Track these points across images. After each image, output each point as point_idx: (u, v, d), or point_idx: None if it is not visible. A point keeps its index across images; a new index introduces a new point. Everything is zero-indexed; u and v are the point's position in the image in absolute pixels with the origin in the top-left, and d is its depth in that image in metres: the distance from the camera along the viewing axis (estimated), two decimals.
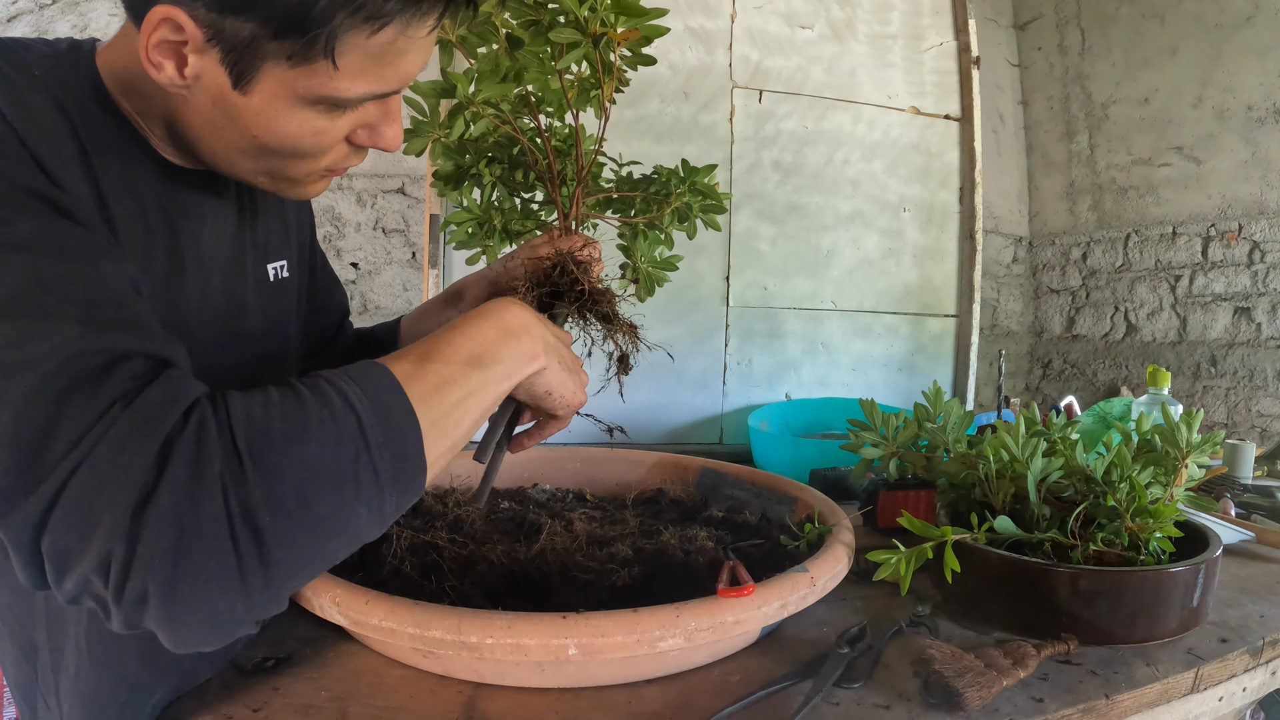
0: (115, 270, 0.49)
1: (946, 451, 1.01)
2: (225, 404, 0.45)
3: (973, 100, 2.14)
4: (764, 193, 2.01)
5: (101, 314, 0.46)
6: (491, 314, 0.61)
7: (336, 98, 0.54)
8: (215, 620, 0.43)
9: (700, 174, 0.87)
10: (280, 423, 0.45)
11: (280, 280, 0.77)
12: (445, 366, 0.55)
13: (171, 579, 0.41)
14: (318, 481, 0.45)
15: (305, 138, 0.56)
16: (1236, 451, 1.37)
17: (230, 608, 0.43)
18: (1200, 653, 0.74)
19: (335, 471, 0.46)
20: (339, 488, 0.46)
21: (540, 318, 0.65)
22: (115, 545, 0.40)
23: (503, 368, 0.59)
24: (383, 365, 0.53)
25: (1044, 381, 3.24)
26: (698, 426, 2.00)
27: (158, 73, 0.52)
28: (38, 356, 0.42)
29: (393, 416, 0.49)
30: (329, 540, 0.46)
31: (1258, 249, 2.50)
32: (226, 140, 0.57)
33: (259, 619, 0.46)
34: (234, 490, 0.42)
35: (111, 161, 0.56)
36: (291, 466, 0.44)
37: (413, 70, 0.56)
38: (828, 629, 0.77)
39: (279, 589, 0.45)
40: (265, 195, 0.76)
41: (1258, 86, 2.47)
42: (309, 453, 0.45)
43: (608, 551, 0.76)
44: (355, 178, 2.61)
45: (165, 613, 0.41)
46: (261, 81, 0.52)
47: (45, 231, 0.47)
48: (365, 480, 0.47)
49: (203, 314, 0.65)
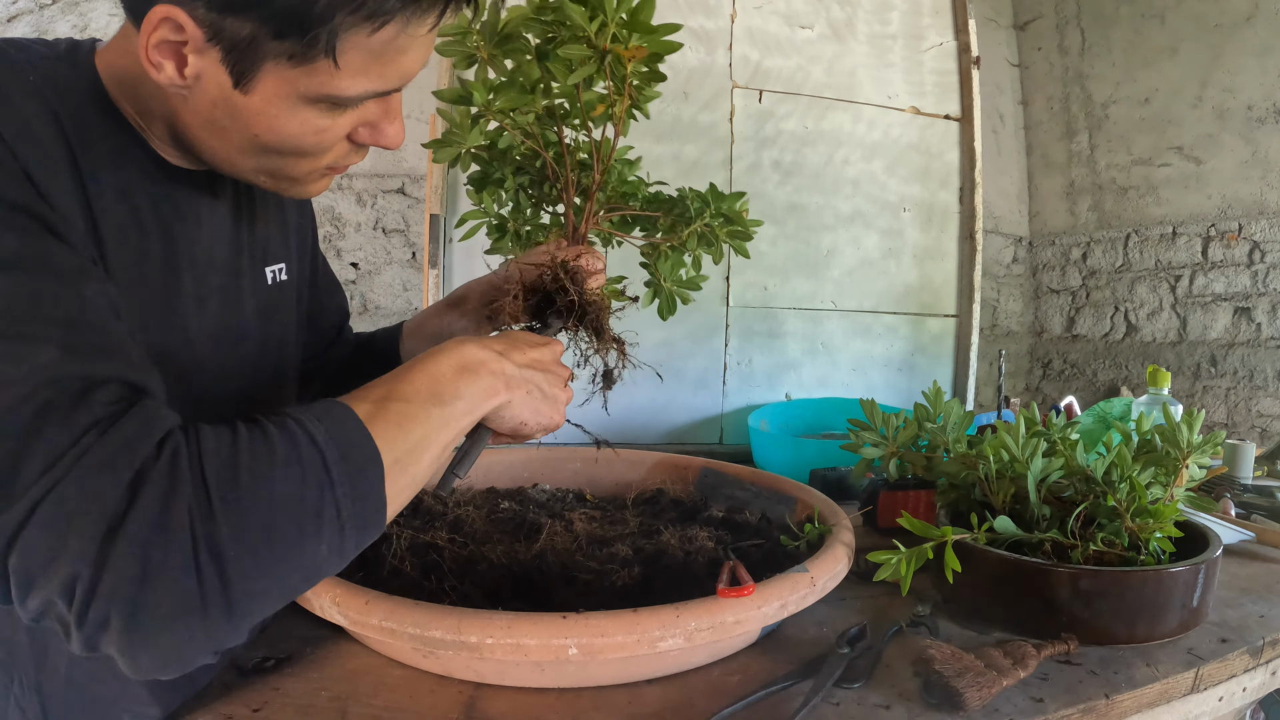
0: (97, 292, 0.49)
1: (946, 451, 1.01)
2: (197, 438, 0.46)
3: (973, 100, 2.14)
4: (764, 193, 2.01)
5: (81, 338, 0.46)
6: (447, 352, 0.61)
7: (338, 96, 0.54)
8: (175, 650, 0.43)
9: (728, 200, 0.85)
10: (248, 460, 0.45)
11: (278, 283, 0.77)
12: (406, 405, 0.55)
13: (135, 608, 0.41)
14: (282, 519, 0.46)
15: (307, 136, 0.56)
16: (1236, 451, 1.37)
17: (190, 638, 0.43)
18: (1200, 653, 0.74)
19: (299, 510, 0.46)
20: (302, 526, 0.47)
21: (501, 351, 0.64)
22: (81, 570, 0.40)
23: (463, 404, 0.59)
24: (346, 405, 0.53)
25: (1044, 381, 3.24)
26: (698, 426, 2.00)
27: (158, 73, 0.52)
28: (15, 378, 0.43)
29: (355, 458, 0.50)
30: (290, 575, 0.47)
31: (1258, 249, 2.50)
32: (227, 140, 0.57)
33: (218, 649, 0.46)
34: (200, 525, 0.43)
35: (105, 167, 0.56)
36: (257, 505, 0.45)
37: (413, 68, 0.56)
38: (828, 629, 0.77)
39: (239, 622, 0.45)
40: (264, 197, 0.76)
41: (1258, 86, 2.47)
42: (275, 491, 0.46)
43: (608, 551, 0.76)
44: (355, 178, 2.61)
45: (126, 640, 0.42)
46: (262, 81, 0.52)
47: (30, 250, 0.47)
48: (328, 518, 0.48)
49: (198, 315, 0.65)
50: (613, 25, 0.70)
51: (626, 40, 0.71)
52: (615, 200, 0.86)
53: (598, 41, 0.70)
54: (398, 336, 0.93)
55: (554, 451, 1.13)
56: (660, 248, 0.86)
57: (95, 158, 0.55)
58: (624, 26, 0.70)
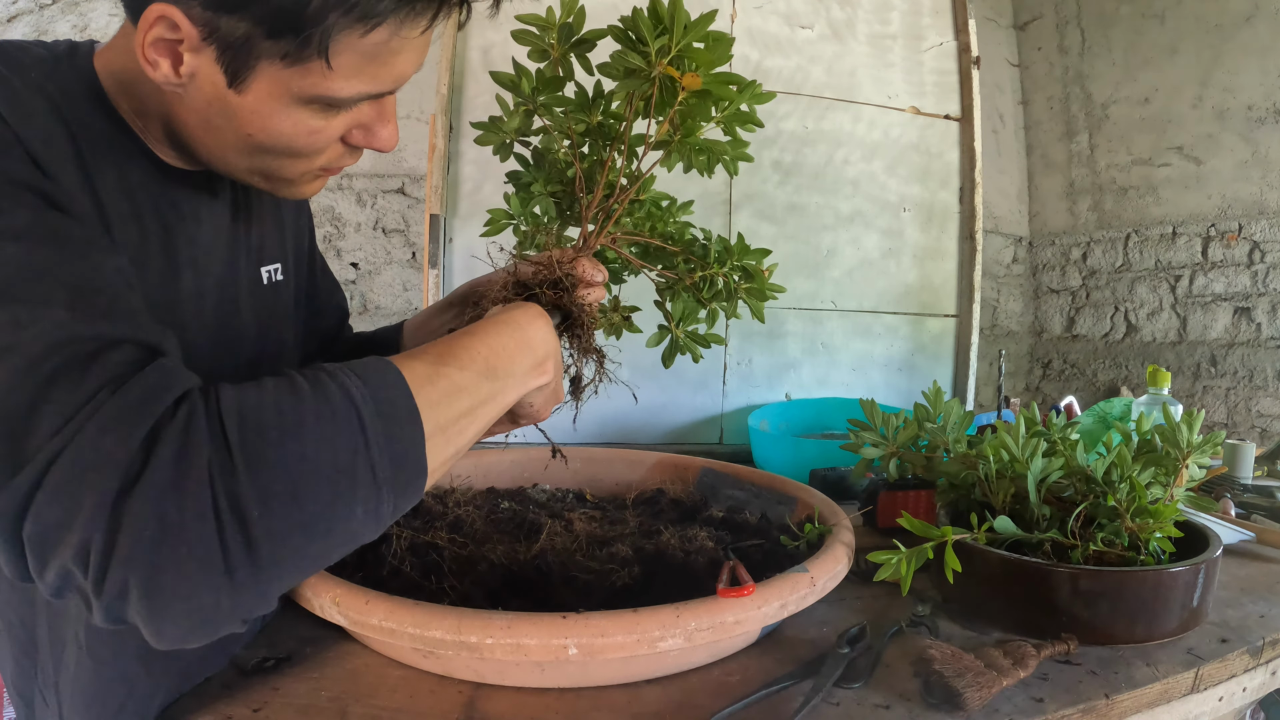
0: (108, 261, 0.49)
1: (946, 451, 1.01)
2: (216, 395, 0.44)
3: (973, 100, 2.14)
4: (764, 193, 2.01)
5: (92, 301, 0.45)
6: (514, 324, 0.61)
7: (331, 97, 0.54)
8: (199, 616, 0.41)
9: (754, 255, 0.82)
10: (275, 414, 0.43)
11: (274, 283, 0.77)
12: (460, 372, 0.54)
13: (153, 571, 0.39)
14: (312, 477, 0.43)
15: (300, 137, 0.57)
16: (1236, 451, 1.37)
17: (215, 604, 0.41)
18: (1200, 653, 0.74)
19: (331, 468, 0.44)
20: (334, 485, 0.44)
21: (553, 330, 0.64)
22: (94, 534, 0.39)
23: (515, 380, 0.59)
24: (391, 363, 0.51)
25: (1044, 381, 3.24)
26: (698, 426, 2.00)
27: (153, 70, 0.52)
28: (25, 340, 0.41)
29: (396, 416, 0.48)
30: (321, 540, 0.45)
31: (1258, 249, 2.50)
32: (222, 138, 0.57)
33: (246, 617, 0.44)
34: (222, 482, 0.41)
35: (107, 163, 0.56)
36: (283, 460, 0.42)
37: (407, 70, 0.56)
38: (828, 629, 0.77)
39: (267, 587, 0.43)
40: (261, 198, 0.76)
41: (1258, 86, 2.47)
42: (304, 448, 0.43)
43: (608, 551, 0.76)
44: (355, 178, 2.61)
45: (146, 606, 0.40)
46: (256, 80, 0.52)
47: (39, 221, 0.46)
48: (362, 479, 0.45)
49: (197, 315, 0.65)
50: (675, 47, 0.69)
51: (684, 66, 0.70)
52: (641, 229, 0.85)
53: (655, 59, 0.69)
54: (398, 337, 0.93)
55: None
56: (675, 286, 0.83)
57: (99, 155, 0.55)
58: (685, 55, 0.70)
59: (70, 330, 0.42)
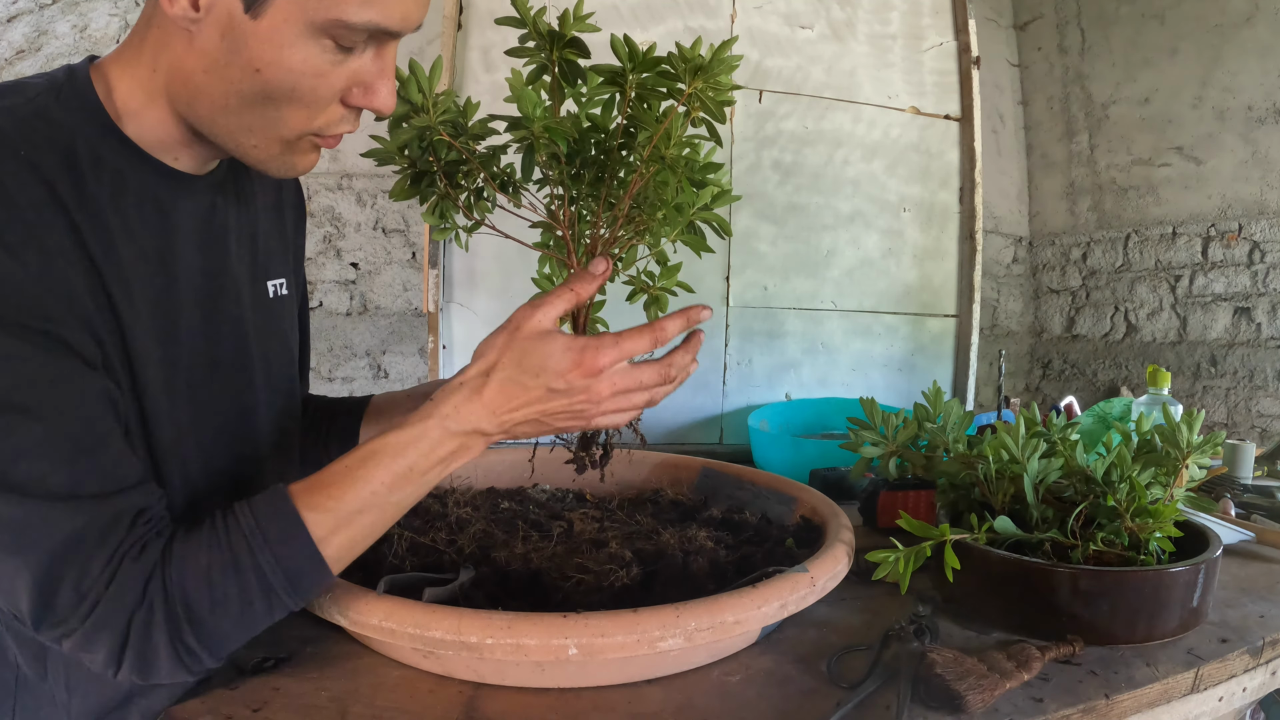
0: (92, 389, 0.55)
1: (946, 451, 1.01)
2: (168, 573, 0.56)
3: (973, 100, 2.14)
4: (764, 193, 2.01)
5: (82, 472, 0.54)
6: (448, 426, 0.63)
7: (345, 22, 0.55)
8: (172, 684, 0.62)
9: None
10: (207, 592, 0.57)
11: (279, 297, 0.78)
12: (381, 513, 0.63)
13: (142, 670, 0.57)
14: (237, 623, 0.58)
15: (306, 77, 0.57)
16: (1236, 451, 1.37)
17: (184, 679, 0.61)
18: (1200, 653, 0.74)
19: (253, 618, 0.59)
20: (253, 624, 0.60)
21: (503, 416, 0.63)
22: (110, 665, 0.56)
23: (432, 476, 0.64)
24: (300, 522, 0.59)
25: (1044, 381, 3.23)
26: (698, 426, 2.00)
27: (171, 6, 0.54)
28: (40, 539, 0.53)
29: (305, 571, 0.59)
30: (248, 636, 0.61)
31: (1258, 249, 2.50)
32: (226, 84, 0.57)
33: (203, 676, 0.62)
34: (179, 637, 0.57)
35: (104, 205, 0.57)
36: (218, 623, 0.58)
37: (413, 12, 0.58)
38: (828, 629, 0.77)
39: (214, 666, 0.60)
40: (266, 213, 0.77)
41: (1258, 86, 2.46)
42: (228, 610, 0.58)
43: (607, 552, 0.76)
44: (355, 178, 2.61)
45: (138, 679, 0.58)
46: (273, 5, 0.54)
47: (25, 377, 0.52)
48: (277, 611, 0.60)
49: (207, 331, 0.67)
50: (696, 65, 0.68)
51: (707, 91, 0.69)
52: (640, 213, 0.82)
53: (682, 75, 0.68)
54: (361, 413, 0.92)
55: (554, 451, 1.12)
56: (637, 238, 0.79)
57: (91, 201, 0.57)
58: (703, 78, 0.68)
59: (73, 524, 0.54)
